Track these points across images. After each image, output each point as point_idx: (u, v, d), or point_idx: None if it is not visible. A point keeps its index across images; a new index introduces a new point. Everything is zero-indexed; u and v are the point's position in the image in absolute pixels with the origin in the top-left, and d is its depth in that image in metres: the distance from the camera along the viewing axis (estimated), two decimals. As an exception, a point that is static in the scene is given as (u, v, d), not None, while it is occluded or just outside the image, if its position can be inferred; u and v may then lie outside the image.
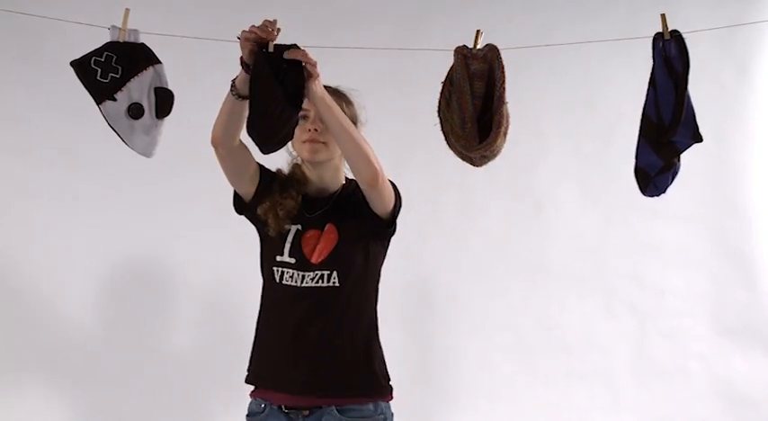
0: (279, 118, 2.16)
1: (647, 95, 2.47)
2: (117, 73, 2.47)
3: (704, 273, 4.09)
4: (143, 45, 2.51)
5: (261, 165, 2.44)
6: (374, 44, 3.54)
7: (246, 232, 2.51)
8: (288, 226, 2.39)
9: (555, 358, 3.99)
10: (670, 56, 2.44)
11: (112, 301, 3.72)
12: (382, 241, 2.44)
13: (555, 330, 4.01)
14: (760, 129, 4.11)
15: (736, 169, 4.11)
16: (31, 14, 2.74)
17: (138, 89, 2.49)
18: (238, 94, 2.21)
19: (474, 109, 2.42)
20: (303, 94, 2.18)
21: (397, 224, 2.43)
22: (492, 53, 2.43)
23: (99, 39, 2.50)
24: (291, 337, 2.34)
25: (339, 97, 2.42)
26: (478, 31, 2.47)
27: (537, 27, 3.88)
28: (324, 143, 2.37)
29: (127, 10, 2.49)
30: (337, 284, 2.35)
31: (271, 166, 2.48)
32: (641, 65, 2.54)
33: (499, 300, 3.99)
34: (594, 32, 3.89)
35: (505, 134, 2.41)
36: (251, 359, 2.45)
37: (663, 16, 2.44)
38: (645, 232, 4.06)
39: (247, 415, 2.44)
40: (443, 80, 2.49)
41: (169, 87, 2.54)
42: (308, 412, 2.35)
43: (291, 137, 2.24)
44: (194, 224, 3.72)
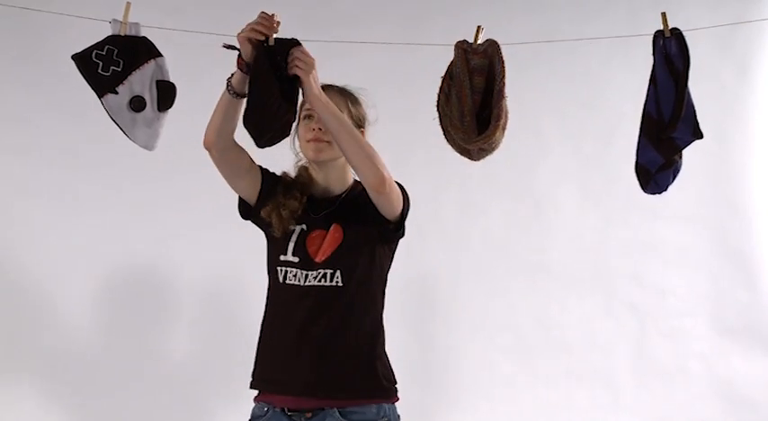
0: (276, 113, 2.16)
1: (648, 93, 2.47)
2: (118, 66, 2.47)
3: (704, 273, 4.09)
4: (144, 38, 2.51)
5: (264, 168, 2.43)
6: (373, 44, 3.54)
7: (247, 232, 2.50)
8: (293, 226, 2.37)
9: (555, 358, 3.99)
10: (670, 53, 2.44)
11: (112, 301, 3.71)
12: (389, 244, 2.41)
13: (555, 330, 4.01)
14: (760, 129, 4.12)
15: (736, 169, 4.12)
16: (32, 9, 2.73)
17: (140, 82, 2.49)
18: (235, 92, 2.20)
19: (473, 103, 2.42)
20: (298, 90, 2.19)
21: (406, 227, 2.39)
22: (492, 48, 2.43)
23: (99, 36, 2.50)
24: (295, 336, 2.32)
25: (345, 96, 2.40)
26: (479, 27, 2.47)
27: (537, 27, 3.88)
28: (328, 142, 2.34)
29: (128, 3, 2.49)
30: (340, 284, 2.32)
31: (277, 169, 2.46)
32: (642, 65, 2.54)
33: (499, 300, 3.99)
34: (595, 32, 3.89)
35: (504, 128, 2.41)
36: (255, 363, 2.42)
37: (663, 15, 2.45)
38: (645, 232, 4.06)
39: (250, 419, 2.40)
40: (443, 75, 2.49)
41: (171, 80, 2.53)
42: (311, 414, 2.32)
43: (287, 133, 2.24)
44: (194, 224, 3.72)
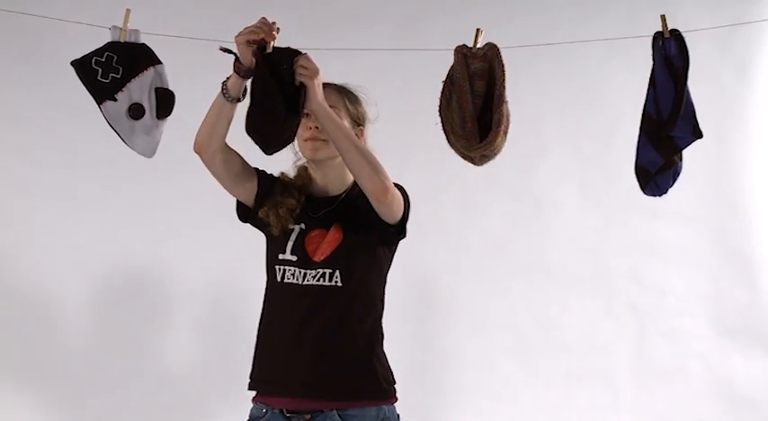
0: (284, 122, 2.15)
1: (648, 94, 2.47)
2: (118, 73, 2.46)
3: (704, 273, 4.09)
4: (144, 45, 2.51)
5: (260, 170, 2.42)
6: (374, 43, 3.54)
7: (246, 232, 2.49)
8: (291, 225, 2.36)
9: (555, 358, 3.98)
10: (670, 54, 2.44)
11: (112, 301, 3.71)
12: (389, 245, 2.40)
13: (555, 330, 4.00)
14: (760, 129, 4.11)
15: (736, 169, 4.11)
16: (32, 14, 2.73)
17: (139, 89, 2.48)
18: (230, 96, 2.20)
19: (474, 108, 2.40)
20: (304, 97, 2.17)
21: (407, 228, 2.38)
22: (492, 52, 2.42)
23: (99, 38, 2.49)
24: (292, 336, 2.30)
25: (343, 95, 2.40)
26: (478, 30, 2.46)
27: (537, 27, 3.88)
28: (325, 140, 2.33)
29: (128, 10, 2.49)
30: (339, 284, 2.31)
31: (275, 170, 2.45)
32: (641, 65, 2.53)
33: (499, 301, 3.99)
34: (594, 33, 3.89)
35: (506, 133, 2.40)
36: (253, 365, 2.40)
37: (663, 17, 2.44)
38: (645, 232, 4.06)
39: (248, 420, 2.38)
40: (444, 79, 2.47)
41: (170, 88, 2.53)
42: (310, 416, 2.30)
43: (293, 139, 2.24)
44: (194, 223, 3.71)
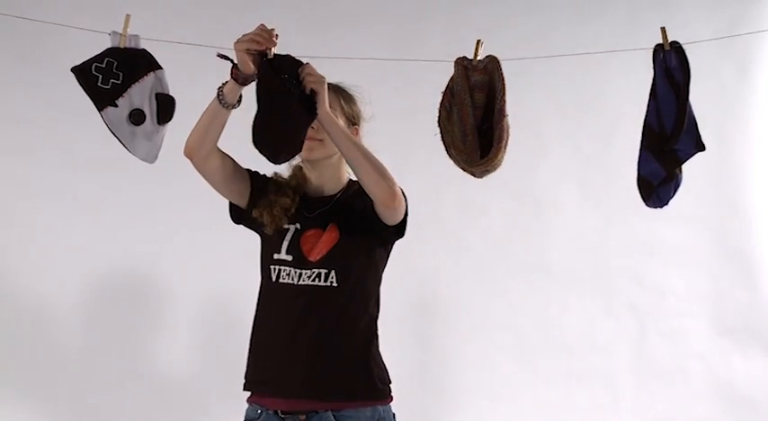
0: (297, 120, 2.15)
1: (649, 106, 2.46)
2: (118, 79, 2.45)
3: (704, 273, 4.09)
4: (144, 51, 2.50)
5: (253, 171, 2.42)
6: (373, 43, 3.54)
7: (245, 233, 2.49)
8: (286, 225, 2.35)
9: (555, 358, 3.99)
10: (671, 67, 2.44)
11: (111, 301, 3.72)
12: (386, 246, 2.40)
13: (555, 330, 4.01)
14: (760, 129, 4.11)
15: (736, 169, 4.11)
16: (32, 19, 2.73)
17: (140, 95, 2.47)
18: (226, 102, 2.19)
19: (475, 120, 2.39)
20: (314, 98, 2.16)
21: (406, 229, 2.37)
22: (492, 64, 2.41)
23: (98, 40, 2.49)
24: (287, 337, 2.29)
25: (338, 94, 2.39)
26: (479, 42, 2.43)
27: (536, 28, 3.88)
28: (320, 140, 2.33)
29: (127, 16, 2.48)
30: (335, 284, 2.30)
31: (268, 171, 2.45)
32: (641, 66, 2.54)
33: (499, 301, 3.99)
34: (594, 34, 3.89)
35: (506, 147, 2.38)
36: (247, 366, 2.39)
37: (663, 29, 2.44)
38: (645, 232, 4.05)
39: None
40: (444, 90, 2.45)
41: (170, 93, 2.52)
42: (305, 417, 2.29)
43: (302, 146, 2.22)
44: (194, 224, 3.71)
